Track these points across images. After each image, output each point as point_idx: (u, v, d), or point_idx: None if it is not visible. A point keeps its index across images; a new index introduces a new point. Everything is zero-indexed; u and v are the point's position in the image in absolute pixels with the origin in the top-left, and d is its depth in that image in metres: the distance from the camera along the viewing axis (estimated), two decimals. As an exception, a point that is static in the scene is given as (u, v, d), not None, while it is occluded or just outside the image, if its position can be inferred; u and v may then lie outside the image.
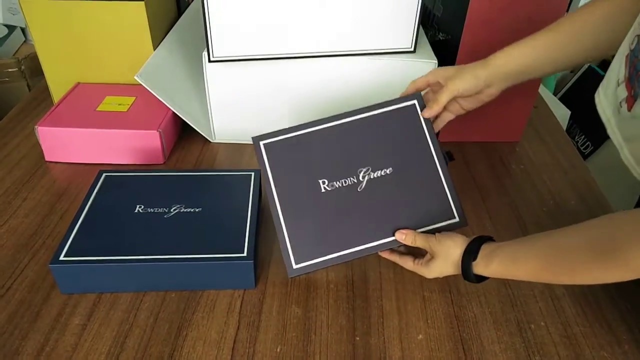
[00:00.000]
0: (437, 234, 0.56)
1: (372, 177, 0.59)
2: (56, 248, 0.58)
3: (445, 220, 0.59)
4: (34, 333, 0.53)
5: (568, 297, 0.60)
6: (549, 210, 0.73)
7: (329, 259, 0.57)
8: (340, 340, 0.54)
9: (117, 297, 0.58)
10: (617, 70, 0.50)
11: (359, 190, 0.59)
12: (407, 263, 0.58)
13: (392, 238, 0.58)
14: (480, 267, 0.52)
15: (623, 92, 0.48)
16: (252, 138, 0.60)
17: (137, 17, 0.81)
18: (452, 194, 0.60)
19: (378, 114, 0.61)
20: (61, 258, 0.56)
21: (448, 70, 0.62)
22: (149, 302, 0.57)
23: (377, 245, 0.58)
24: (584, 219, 0.71)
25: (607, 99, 0.52)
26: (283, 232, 0.57)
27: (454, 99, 0.62)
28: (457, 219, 0.59)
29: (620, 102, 0.49)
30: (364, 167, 0.59)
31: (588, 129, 1.55)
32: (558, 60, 0.60)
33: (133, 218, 0.62)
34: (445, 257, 0.54)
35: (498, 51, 0.61)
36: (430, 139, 0.61)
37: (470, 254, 0.53)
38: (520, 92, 0.79)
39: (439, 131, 0.65)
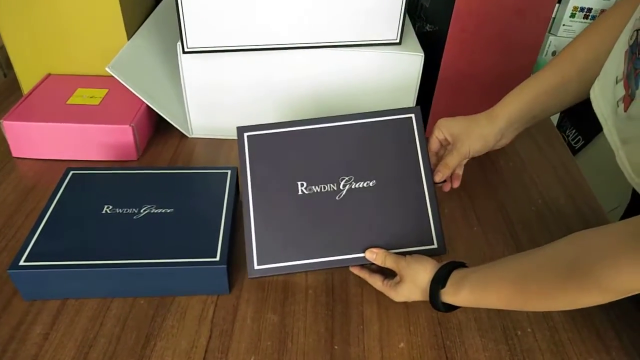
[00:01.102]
0: (407, 256, 0.53)
1: (353, 187, 0.56)
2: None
3: (422, 245, 0.56)
4: (-9, 343, 0.50)
5: (556, 302, 0.58)
6: (538, 209, 0.71)
7: (293, 265, 0.55)
8: (318, 348, 0.51)
9: (83, 304, 0.54)
10: (616, 66, 0.47)
11: (337, 198, 0.56)
12: (377, 282, 0.56)
13: (362, 254, 0.56)
14: (448, 295, 0.49)
15: (621, 91, 0.46)
16: (237, 128, 0.58)
17: (110, 4, 0.77)
18: (434, 218, 0.57)
19: (372, 122, 0.58)
20: (21, 263, 0.53)
21: (453, 125, 0.60)
22: (116, 308, 0.54)
23: (346, 259, 0.56)
24: (572, 218, 0.70)
25: (603, 95, 0.50)
26: (251, 230, 0.55)
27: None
28: (435, 246, 0.57)
29: (618, 101, 0.46)
30: (346, 176, 0.57)
31: (579, 123, 1.53)
32: (564, 100, 0.59)
33: (100, 219, 0.58)
34: (413, 282, 0.52)
35: (503, 101, 0.60)
36: (422, 157, 0.58)
37: (438, 282, 0.50)
38: (509, 85, 0.76)
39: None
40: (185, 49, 0.69)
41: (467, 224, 0.68)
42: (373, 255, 0.56)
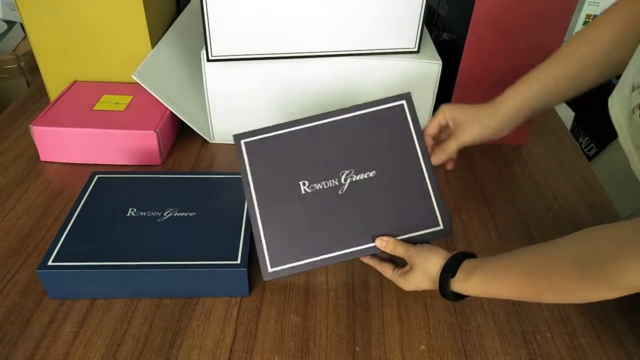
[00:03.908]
0: (418, 245, 0.54)
1: (354, 179, 0.57)
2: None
3: (429, 228, 0.57)
4: (24, 341, 0.52)
5: (575, 307, 0.58)
6: (555, 215, 0.72)
7: (306, 264, 0.55)
8: (340, 350, 0.52)
9: (111, 304, 0.56)
10: (633, 74, 0.48)
11: (340, 193, 0.57)
12: (387, 271, 0.57)
13: (372, 244, 0.56)
14: (458, 283, 0.50)
15: (637, 98, 0.47)
16: (233, 136, 0.58)
17: (135, 14, 0.79)
18: (437, 200, 0.57)
19: (364, 113, 0.59)
20: (49, 263, 0.54)
21: (457, 112, 0.60)
22: (143, 309, 0.56)
23: (357, 250, 0.56)
24: (589, 224, 0.69)
25: (621, 103, 0.51)
26: (259, 234, 0.55)
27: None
28: (441, 227, 0.57)
29: (634, 109, 0.47)
30: (346, 170, 0.57)
31: (592, 130, 1.53)
32: (567, 93, 0.59)
33: (125, 222, 0.60)
34: (423, 270, 0.52)
35: (505, 92, 0.60)
36: (418, 142, 0.58)
37: (449, 270, 0.50)
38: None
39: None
40: (210, 57, 0.71)
41: (484, 230, 0.69)
42: (383, 243, 0.56)
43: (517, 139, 0.86)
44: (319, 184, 0.57)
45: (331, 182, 0.57)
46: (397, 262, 0.57)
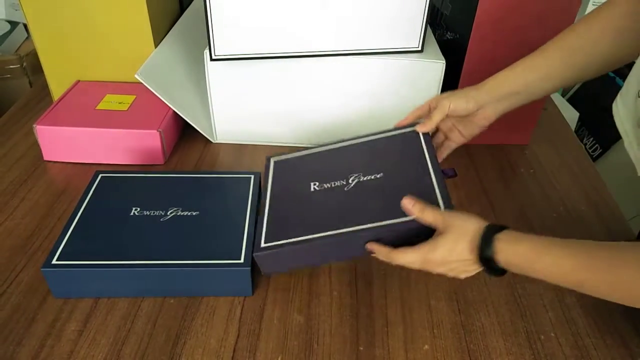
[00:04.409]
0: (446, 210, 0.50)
1: (361, 180, 0.58)
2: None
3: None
4: (28, 339, 0.52)
5: (579, 307, 0.58)
6: (559, 215, 0.72)
7: (302, 240, 0.53)
8: (343, 349, 0.52)
9: (115, 302, 0.56)
10: (637, 80, 0.48)
11: (345, 189, 0.58)
12: (404, 255, 0.49)
13: (371, 224, 0.52)
14: (503, 244, 0.45)
15: None
16: (267, 157, 0.68)
17: (139, 14, 0.79)
18: (442, 193, 0.54)
19: (379, 138, 0.65)
20: (54, 262, 0.55)
21: (445, 93, 0.61)
22: (147, 307, 0.56)
23: (357, 230, 0.52)
24: (594, 224, 0.70)
25: (625, 109, 0.50)
26: (263, 219, 0.58)
27: (453, 126, 0.63)
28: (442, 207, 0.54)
29: None
30: (355, 174, 0.59)
31: (596, 131, 1.52)
32: (554, 81, 0.58)
33: (128, 221, 0.60)
34: (460, 232, 0.47)
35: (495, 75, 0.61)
36: (428, 152, 0.59)
37: (494, 228, 0.46)
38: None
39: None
40: (213, 57, 0.71)
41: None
42: (411, 203, 0.50)
43: (519, 139, 0.86)
44: (327, 184, 0.59)
45: (340, 182, 0.59)
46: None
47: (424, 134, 0.61)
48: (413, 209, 0.50)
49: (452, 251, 0.47)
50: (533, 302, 0.58)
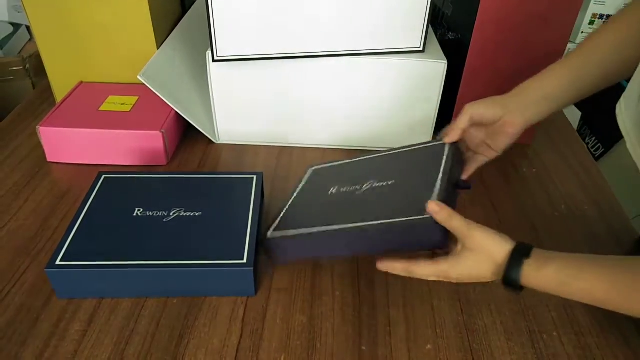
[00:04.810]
0: (473, 223, 0.47)
1: (373, 186, 0.58)
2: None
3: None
4: (33, 339, 0.52)
5: (582, 307, 0.58)
6: (561, 215, 0.71)
7: (311, 232, 0.54)
8: (346, 349, 0.52)
9: (118, 303, 0.56)
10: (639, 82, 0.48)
11: (357, 193, 0.58)
12: (419, 267, 0.48)
13: (382, 221, 0.51)
14: (530, 269, 0.44)
15: None
16: (307, 167, 0.70)
17: (141, 15, 0.79)
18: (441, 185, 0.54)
19: (409, 150, 0.64)
20: (57, 262, 0.55)
21: (486, 108, 0.58)
22: (150, 308, 0.56)
23: (368, 225, 0.51)
24: (597, 224, 0.70)
25: (629, 111, 0.50)
26: (279, 214, 0.60)
27: (481, 141, 0.60)
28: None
29: None
30: (370, 181, 0.59)
31: (599, 130, 1.52)
32: (581, 88, 0.57)
33: (132, 221, 0.60)
34: (487, 254, 0.45)
35: (525, 83, 0.59)
36: (446, 162, 0.56)
37: (522, 252, 0.44)
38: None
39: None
40: (215, 58, 0.72)
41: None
42: (437, 208, 0.47)
43: (522, 139, 0.85)
44: (344, 188, 0.60)
45: (354, 187, 0.59)
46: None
47: (452, 146, 0.58)
48: (439, 214, 0.47)
49: (473, 270, 0.47)
50: (535, 302, 0.58)
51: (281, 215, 0.60)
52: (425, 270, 0.49)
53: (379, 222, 0.51)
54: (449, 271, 0.48)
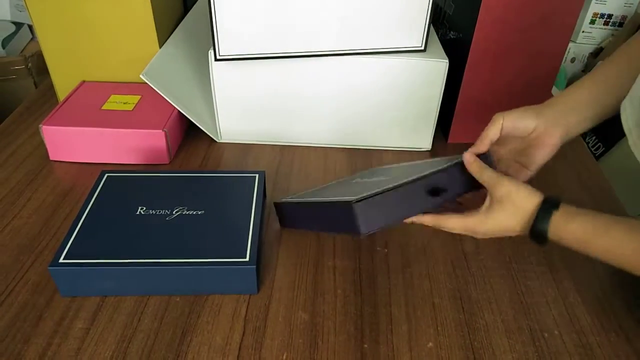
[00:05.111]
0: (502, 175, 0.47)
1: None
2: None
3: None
4: (36, 337, 0.52)
5: (583, 305, 0.58)
6: (563, 214, 0.72)
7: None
8: (348, 347, 0.53)
9: (121, 301, 0.57)
10: None
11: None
12: (450, 220, 0.49)
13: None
14: (559, 220, 0.44)
15: None
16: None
17: (143, 14, 0.80)
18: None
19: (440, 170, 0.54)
20: (61, 261, 0.55)
21: (522, 118, 0.54)
22: (153, 305, 0.56)
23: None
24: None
25: (632, 108, 0.51)
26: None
27: (511, 161, 0.56)
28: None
29: None
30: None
31: (599, 130, 1.52)
32: (619, 93, 0.53)
33: (134, 220, 0.61)
34: (516, 207, 0.46)
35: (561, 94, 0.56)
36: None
37: (553, 203, 0.45)
38: (532, 93, 0.77)
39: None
40: (217, 57, 0.72)
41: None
42: (471, 158, 0.48)
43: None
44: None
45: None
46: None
47: (482, 156, 0.52)
48: (471, 165, 0.49)
49: (502, 225, 0.47)
50: (536, 300, 0.58)
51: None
52: (454, 223, 0.50)
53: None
54: (477, 226, 0.48)
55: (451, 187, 0.51)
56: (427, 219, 0.51)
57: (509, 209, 0.46)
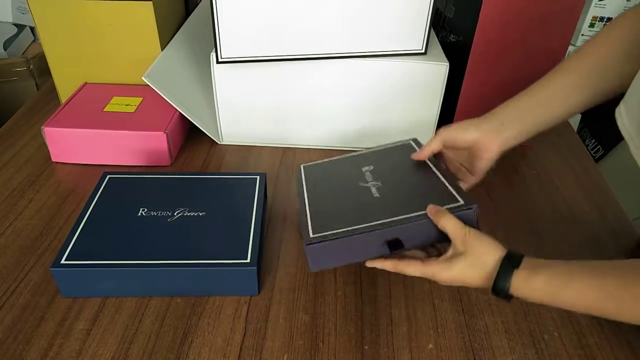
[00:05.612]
0: (468, 227, 0.47)
1: (374, 185, 0.60)
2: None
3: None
4: (37, 338, 0.53)
5: (582, 307, 0.58)
6: (562, 216, 0.72)
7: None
8: (349, 348, 0.53)
9: (123, 302, 0.57)
10: None
11: (372, 193, 0.59)
12: (411, 266, 0.49)
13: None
14: (519, 280, 0.44)
15: None
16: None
17: (145, 17, 0.80)
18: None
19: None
20: (62, 262, 0.55)
21: (459, 132, 0.59)
22: (154, 307, 0.56)
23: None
24: (597, 225, 0.70)
25: (629, 114, 0.51)
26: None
27: (460, 166, 0.60)
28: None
29: None
30: (369, 181, 0.61)
31: (598, 132, 1.53)
32: (563, 104, 0.57)
33: (136, 221, 0.61)
34: (478, 260, 0.45)
35: (507, 102, 0.59)
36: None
37: (513, 261, 0.44)
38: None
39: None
40: (219, 59, 0.72)
41: (490, 231, 0.68)
42: (434, 210, 0.48)
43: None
44: (362, 184, 0.61)
45: (364, 185, 0.61)
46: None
47: (465, 211, 0.52)
48: (435, 216, 0.49)
49: (461, 276, 0.47)
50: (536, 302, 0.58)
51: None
52: (414, 271, 0.50)
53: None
54: (437, 274, 0.48)
55: (411, 240, 0.52)
56: (388, 265, 0.51)
57: (472, 260, 0.46)
